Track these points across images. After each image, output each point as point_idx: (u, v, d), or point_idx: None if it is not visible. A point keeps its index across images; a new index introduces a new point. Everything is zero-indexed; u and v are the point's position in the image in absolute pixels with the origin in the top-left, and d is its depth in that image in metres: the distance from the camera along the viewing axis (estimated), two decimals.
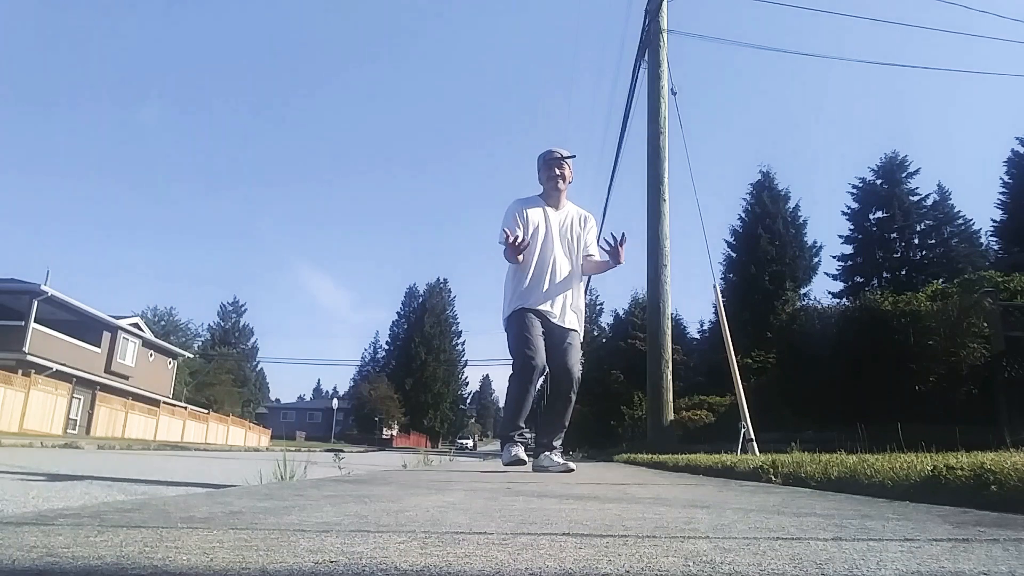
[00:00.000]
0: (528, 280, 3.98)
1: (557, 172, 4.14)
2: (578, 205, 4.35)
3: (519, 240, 3.77)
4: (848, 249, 29.92)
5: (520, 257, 3.87)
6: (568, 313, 4.02)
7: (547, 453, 3.92)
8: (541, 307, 3.94)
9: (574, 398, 3.97)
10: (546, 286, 3.97)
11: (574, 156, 4.25)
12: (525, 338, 3.88)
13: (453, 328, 76.68)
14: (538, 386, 3.98)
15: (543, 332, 3.92)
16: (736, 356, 7.20)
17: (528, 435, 4.12)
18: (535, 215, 4.10)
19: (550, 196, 4.18)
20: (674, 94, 9.72)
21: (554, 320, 3.96)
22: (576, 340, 4.03)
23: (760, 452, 5.79)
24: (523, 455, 3.87)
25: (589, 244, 4.23)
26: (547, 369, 3.96)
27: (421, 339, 71.46)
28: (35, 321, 23.33)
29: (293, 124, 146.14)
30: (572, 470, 3.79)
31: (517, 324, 3.96)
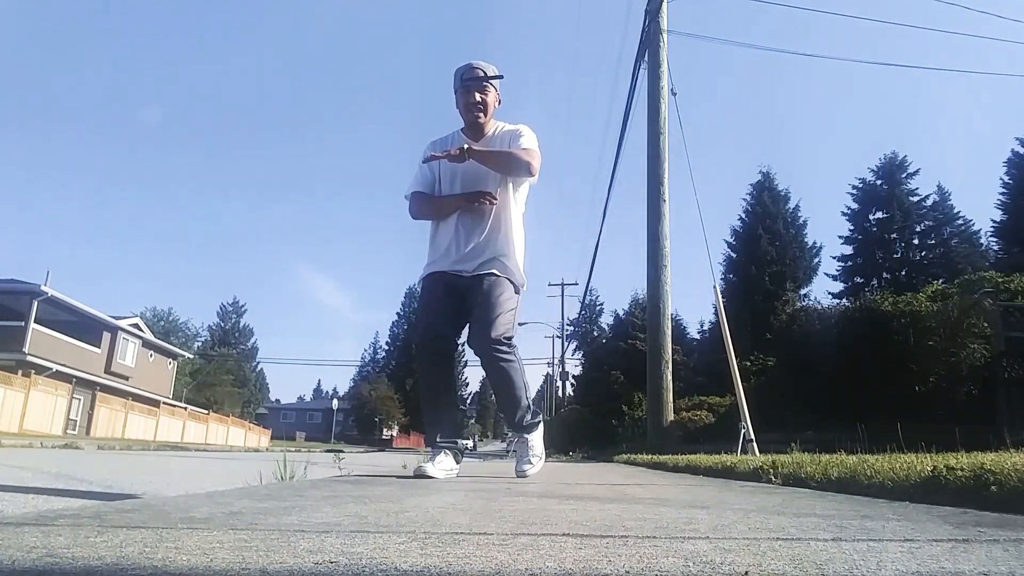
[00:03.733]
0: (443, 233, 3.25)
1: (477, 99, 3.22)
2: (514, 123, 3.40)
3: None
4: (848, 250, 29.95)
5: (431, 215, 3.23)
6: (490, 259, 3.20)
7: (519, 441, 3.35)
8: (454, 266, 3.20)
9: (506, 364, 3.09)
10: (465, 238, 3.20)
11: (501, 76, 3.31)
12: (419, 315, 3.34)
13: None
14: (451, 371, 3.31)
15: (458, 294, 3.20)
16: (736, 357, 7.20)
17: (457, 434, 3.30)
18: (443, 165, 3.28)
19: (471, 128, 3.32)
20: (674, 94, 9.73)
21: (467, 274, 3.18)
22: (496, 286, 3.13)
23: (760, 453, 5.80)
24: (430, 469, 3.03)
25: (520, 145, 3.26)
26: (455, 346, 3.26)
27: None
28: (35, 321, 23.35)
29: (294, 124, 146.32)
30: (523, 475, 3.22)
31: (420, 296, 3.40)
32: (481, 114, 3.26)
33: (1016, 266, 14.22)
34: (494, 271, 3.17)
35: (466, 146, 3.09)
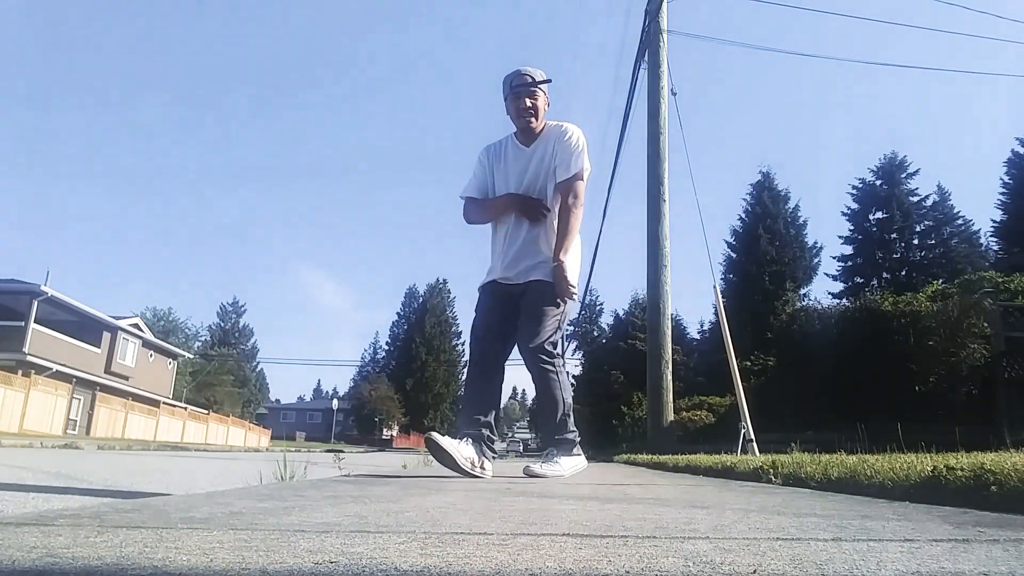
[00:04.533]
0: (497, 241, 3.35)
1: (527, 104, 3.28)
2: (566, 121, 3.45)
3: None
4: (848, 250, 29.97)
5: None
6: (537, 264, 3.25)
7: (547, 453, 3.27)
8: (504, 276, 3.29)
9: (545, 370, 3.14)
10: (515, 245, 3.28)
11: (549, 80, 3.36)
12: (475, 325, 3.38)
13: (453, 328, 76.74)
14: (497, 372, 3.32)
15: (511, 301, 3.28)
16: (736, 357, 7.20)
17: (486, 431, 3.20)
18: (502, 164, 3.39)
19: (523, 133, 3.38)
20: (674, 94, 9.73)
21: (518, 282, 3.26)
22: (541, 296, 3.19)
23: (760, 452, 5.80)
24: (439, 438, 2.98)
25: (557, 165, 3.27)
26: (506, 349, 3.33)
27: (422, 339, 71.52)
28: (35, 321, 23.34)
29: (294, 124, 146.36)
30: (529, 471, 3.11)
31: (477, 303, 3.43)
32: (532, 118, 3.32)
33: (1016, 266, 14.23)
34: (541, 277, 3.21)
35: (554, 265, 3.14)
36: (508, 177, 3.34)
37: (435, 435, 2.96)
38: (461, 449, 2.98)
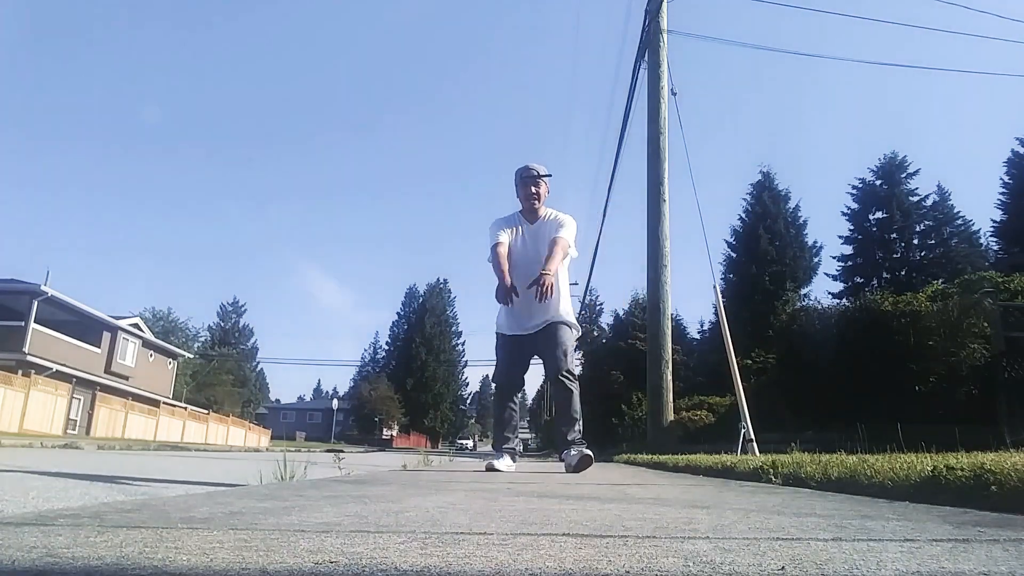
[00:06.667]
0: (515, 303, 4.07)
1: (533, 191, 4.28)
2: (561, 210, 4.41)
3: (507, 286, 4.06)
4: (848, 249, 29.91)
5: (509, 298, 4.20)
6: (548, 313, 4.08)
7: (567, 451, 4.02)
8: (518, 331, 4.14)
9: (572, 386, 4.02)
10: (525, 306, 4.03)
11: (550, 175, 4.40)
12: (498, 367, 4.30)
13: (453, 328, 76.78)
14: (515, 402, 4.42)
15: (524, 347, 4.18)
16: (736, 356, 7.20)
17: (514, 444, 4.31)
18: (512, 234, 4.25)
19: (528, 213, 4.34)
20: (674, 94, 9.73)
21: (533, 332, 4.11)
22: (560, 331, 4.08)
23: (760, 452, 5.80)
24: (497, 464, 4.02)
25: (560, 227, 4.18)
26: (522, 386, 4.41)
27: (422, 339, 71.49)
28: (35, 321, 23.32)
29: (293, 122, 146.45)
30: (576, 468, 3.83)
31: (497, 350, 4.31)
32: (536, 202, 4.29)
33: (1016, 266, 14.23)
34: (558, 320, 4.10)
35: (544, 277, 3.91)
36: (519, 246, 4.19)
37: (496, 463, 4.01)
38: (506, 464, 4.07)
